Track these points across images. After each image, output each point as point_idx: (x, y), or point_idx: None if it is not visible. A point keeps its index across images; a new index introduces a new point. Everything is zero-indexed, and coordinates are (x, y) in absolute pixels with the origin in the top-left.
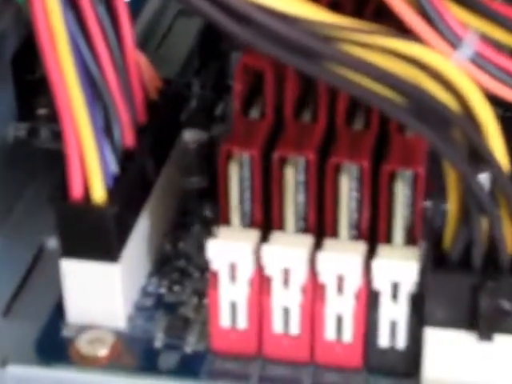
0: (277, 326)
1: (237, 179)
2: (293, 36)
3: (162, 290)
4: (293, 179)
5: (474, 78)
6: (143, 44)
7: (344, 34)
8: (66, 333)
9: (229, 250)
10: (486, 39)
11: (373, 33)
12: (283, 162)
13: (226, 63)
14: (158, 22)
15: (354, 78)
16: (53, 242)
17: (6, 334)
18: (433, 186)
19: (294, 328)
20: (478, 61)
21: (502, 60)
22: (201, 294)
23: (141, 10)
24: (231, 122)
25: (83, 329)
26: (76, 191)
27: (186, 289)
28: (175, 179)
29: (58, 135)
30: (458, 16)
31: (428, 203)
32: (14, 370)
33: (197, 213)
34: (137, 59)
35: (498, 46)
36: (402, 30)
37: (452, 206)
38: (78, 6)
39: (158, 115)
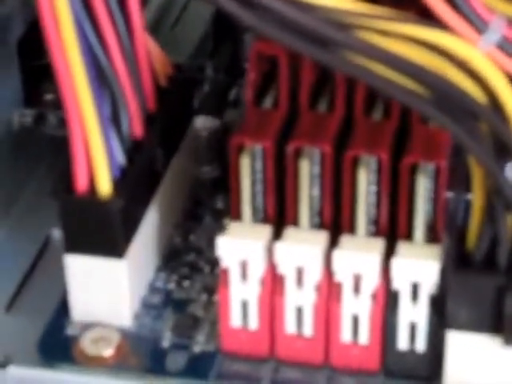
0: (290, 326)
1: (248, 172)
2: (307, 23)
3: (171, 286)
4: (308, 172)
5: (501, 65)
6: (156, 27)
7: (362, 21)
8: (70, 331)
9: (240, 247)
10: None
11: (393, 19)
12: (298, 154)
13: (240, 46)
14: (171, 5)
15: (373, 68)
16: (59, 233)
17: (8, 331)
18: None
19: (308, 329)
20: (505, 46)
21: None
22: (211, 291)
23: None
24: (244, 111)
25: (88, 327)
26: (81, 183)
27: (195, 284)
28: (186, 168)
29: (64, 121)
30: (485, 1)
31: (449, 194)
32: (16, 371)
33: (208, 204)
34: (146, 44)
35: None
36: (424, 16)
37: (476, 202)
38: None
39: (168, 103)
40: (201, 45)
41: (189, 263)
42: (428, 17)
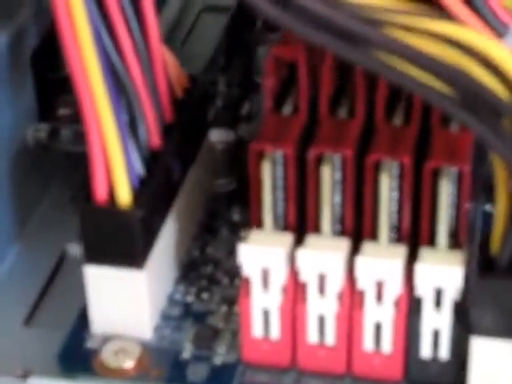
0: (312, 335)
1: (269, 179)
2: (336, 19)
3: (190, 298)
4: (329, 178)
5: None
6: (168, 40)
7: (389, 17)
8: (90, 344)
9: (261, 254)
10: None
11: (420, 15)
12: (319, 159)
13: (252, 59)
14: (182, 18)
15: (400, 67)
16: (75, 248)
17: (28, 344)
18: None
19: (330, 338)
20: None
21: None
22: (230, 302)
23: (165, 5)
24: (260, 121)
25: (108, 339)
26: (100, 193)
27: (214, 296)
28: (203, 180)
29: (79, 137)
30: (503, 1)
31: (469, 204)
32: (36, 383)
33: (225, 216)
34: (163, 55)
35: None
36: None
37: (500, 206)
38: None
39: (184, 114)
40: (213, 59)
41: (207, 275)
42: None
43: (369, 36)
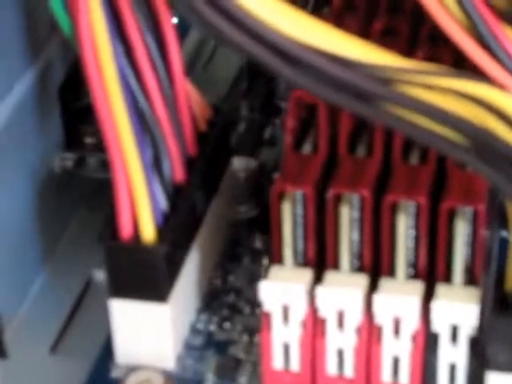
0: (331, 368)
1: (290, 217)
2: (349, 79)
3: (212, 328)
4: (348, 217)
5: None
6: (189, 67)
7: (402, 76)
8: (114, 373)
9: (281, 291)
10: None
11: (432, 73)
12: (338, 199)
13: (274, 84)
14: (203, 44)
15: (413, 119)
16: (101, 274)
17: (54, 372)
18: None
19: (349, 371)
20: None
21: None
22: (252, 331)
23: (187, 33)
24: (281, 152)
25: (132, 369)
26: (125, 230)
27: (236, 326)
28: (225, 209)
29: (105, 164)
30: None
31: (486, 232)
32: None
33: (247, 243)
34: (186, 89)
35: None
36: (458, 57)
37: None
38: (127, 37)
39: (208, 147)
40: (235, 84)
41: (229, 304)
42: (464, 58)
43: (378, 92)
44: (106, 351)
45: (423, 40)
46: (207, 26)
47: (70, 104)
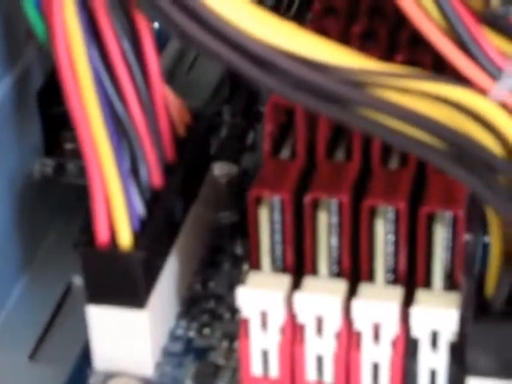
0: (310, 374)
1: (267, 223)
2: (320, 82)
3: (191, 334)
4: (326, 222)
5: None
6: (171, 72)
7: (376, 79)
8: (92, 380)
9: (259, 297)
10: None
11: (407, 76)
12: (316, 204)
13: (256, 89)
14: (186, 49)
15: (388, 123)
16: (80, 281)
17: (32, 379)
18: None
19: (328, 377)
20: None
21: None
22: (231, 338)
23: (169, 38)
24: (262, 160)
25: (110, 376)
26: (102, 236)
27: (215, 332)
28: (204, 215)
29: (84, 170)
30: (496, 44)
31: (467, 236)
32: None
33: (227, 249)
34: (164, 94)
35: None
36: (438, 60)
37: (494, 249)
38: (102, 41)
39: (186, 152)
40: (217, 89)
41: (209, 310)
42: (443, 61)
43: (351, 96)
44: (85, 358)
45: (403, 43)
46: (173, 26)
47: (50, 109)
